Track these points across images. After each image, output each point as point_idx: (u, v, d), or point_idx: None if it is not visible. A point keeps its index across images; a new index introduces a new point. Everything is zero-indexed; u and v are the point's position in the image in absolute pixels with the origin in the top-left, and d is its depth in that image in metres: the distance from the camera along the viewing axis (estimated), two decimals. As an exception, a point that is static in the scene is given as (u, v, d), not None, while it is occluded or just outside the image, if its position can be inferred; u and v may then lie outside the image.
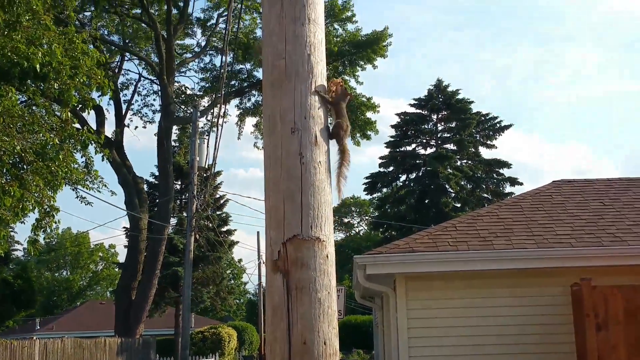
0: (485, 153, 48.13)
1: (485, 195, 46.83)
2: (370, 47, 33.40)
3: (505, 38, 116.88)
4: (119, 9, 33.54)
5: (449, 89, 48.64)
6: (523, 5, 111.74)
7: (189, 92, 36.88)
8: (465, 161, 48.13)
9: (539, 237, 10.46)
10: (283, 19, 3.73)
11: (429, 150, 48.42)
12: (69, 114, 12.58)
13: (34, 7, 11.63)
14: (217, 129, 21.72)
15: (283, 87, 3.64)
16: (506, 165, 47.39)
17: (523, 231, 10.79)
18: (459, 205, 45.91)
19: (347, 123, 3.88)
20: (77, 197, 14.65)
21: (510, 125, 49.28)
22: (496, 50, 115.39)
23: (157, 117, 34.97)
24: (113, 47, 34.73)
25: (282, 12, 3.73)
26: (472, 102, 48.69)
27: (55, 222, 12.47)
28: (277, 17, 3.75)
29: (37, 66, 11.10)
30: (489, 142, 48.57)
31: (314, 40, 3.75)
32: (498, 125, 48.61)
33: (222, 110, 21.30)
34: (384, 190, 50.72)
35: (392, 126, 49.64)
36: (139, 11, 33.54)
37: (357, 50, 33.45)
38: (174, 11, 33.07)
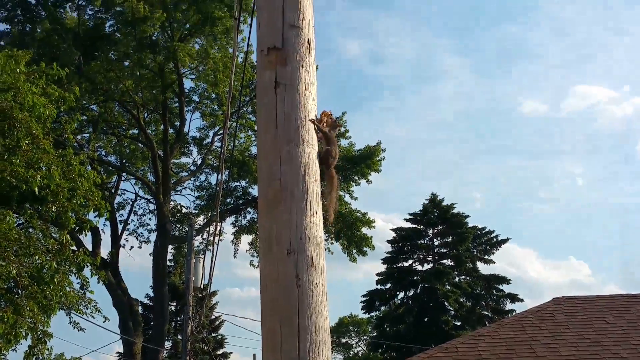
0: (483, 268, 47.77)
1: (486, 312, 46.09)
2: (364, 161, 33.68)
3: (493, 153, 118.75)
4: (116, 130, 34.19)
5: (444, 203, 48.87)
6: (511, 124, 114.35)
7: (184, 210, 37.00)
8: (463, 277, 47.65)
9: (543, 359, 10.21)
10: (277, 141, 3.76)
11: (426, 266, 48.05)
12: (68, 236, 12.52)
13: (34, 131, 11.78)
14: (213, 248, 21.60)
15: (278, 208, 3.63)
16: (505, 280, 46.86)
17: (526, 352, 10.54)
18: (459, 323, 45.08)
19: (337, 150, 4.02)
20: (70, 322, 14.32)
21: (506, 240, 49.13)
22: (486, 164, 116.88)
23: (153, 236, 34.88)
24: (110, 168, 35.12)
25: (276, 133, 3.77)
26: (468, 216, 48.73)
27: (48, 349, 12.16)
28: (272, 138, 3.78)
29: (36, 189, 11.15)
30: (486, 256, 48.26)
31: (308, 161, 3.77)
32: (495, 239, 48.48)
33: (218, 228, 21.31)
34: (382, 308, 49.93)
35: (388, 241, 49.49)
36: (136, 131, 34.15)
37: (351, 165, 33.69)
38: (171, 131, 33.66)
